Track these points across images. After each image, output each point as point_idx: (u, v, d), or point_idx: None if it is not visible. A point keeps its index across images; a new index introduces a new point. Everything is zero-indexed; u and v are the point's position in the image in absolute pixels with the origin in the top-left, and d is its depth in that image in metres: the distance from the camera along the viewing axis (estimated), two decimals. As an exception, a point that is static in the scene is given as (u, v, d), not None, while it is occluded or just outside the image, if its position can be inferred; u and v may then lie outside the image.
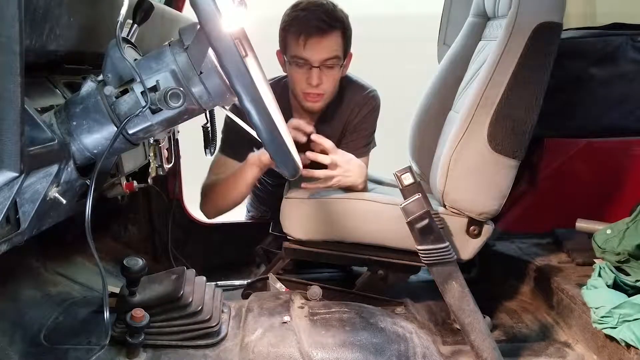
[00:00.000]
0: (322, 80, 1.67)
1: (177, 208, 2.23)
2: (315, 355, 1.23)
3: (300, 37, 1.63)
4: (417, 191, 1.39)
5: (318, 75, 1.66)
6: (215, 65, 0.93)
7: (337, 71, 1.70)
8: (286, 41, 1.69)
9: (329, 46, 1.64)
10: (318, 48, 1.63)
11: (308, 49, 1.63)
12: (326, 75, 1.67)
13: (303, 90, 1.70)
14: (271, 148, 0.94)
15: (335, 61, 1.67)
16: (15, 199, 0.81)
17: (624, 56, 2.16)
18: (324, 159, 1.57)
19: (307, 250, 1.64)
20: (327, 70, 1.67)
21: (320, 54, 1.64)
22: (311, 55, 1.64)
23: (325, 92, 1.71)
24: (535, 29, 1.47)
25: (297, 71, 1.68)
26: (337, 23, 1.65)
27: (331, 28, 1.63)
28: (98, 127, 0.95)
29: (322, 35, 1.62)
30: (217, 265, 2.19)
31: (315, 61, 1.64)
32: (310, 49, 1.63)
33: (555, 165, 2.18)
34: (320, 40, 1.63)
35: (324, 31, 1.62)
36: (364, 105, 1.81)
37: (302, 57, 1.65)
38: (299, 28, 1.64)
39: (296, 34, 1.64)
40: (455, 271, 1.35)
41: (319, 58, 1.64)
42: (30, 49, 0.84)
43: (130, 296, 1.26)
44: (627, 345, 1.35)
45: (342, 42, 1.67)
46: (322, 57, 1.64)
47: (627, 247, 1.73)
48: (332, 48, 1.65)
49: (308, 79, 1.66)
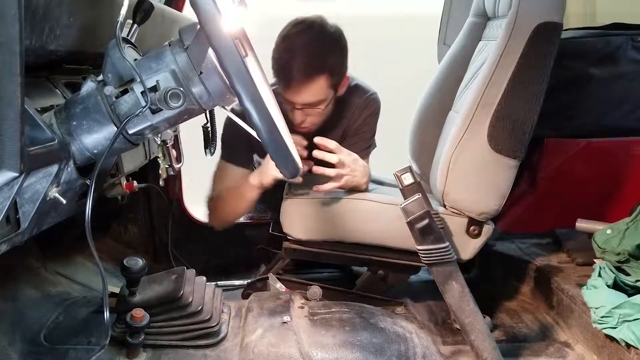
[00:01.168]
0: (306, 118, 1.66)
1: (177, 208, 2.23)
2: (315, 355, 1.23)
3: (281, 80, 1.60)
4: (417, 191, 1.40)
5: (301, 114, 1.64)
6: (215, 65, 0.93)
7: (323, 107, 1.66)
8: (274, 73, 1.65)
9: (311, 92, 1.60)
10: (299, 94, 1.59)
11: (289, 94, 1.60)
12: (310, 113, 1.65)
13: (291, 121, 1.67)
14: (271, 148, 0.94)
15: (319, 104, 1.63)
16: (15, 199, 0.81)
17: (624, 56, 2.16)
18: (331, 158, 1.55)
19: (307, 250, 1.64)
20: (311, 110, 1.65)
21: (301, 99, 1.60)
22: (293, 98, 1.61)
23: (313, 124, 1.70)
24: (535, 29, 1.47)
25: (284, 106, 1.64)
26: (321, 69, 1.58)
27: (312, 77, 1.57)
28: (98, 127, 0.95)
29: (302, 84, 1.57)
30: (217, 265, 2.19)
31: (297, 104, 1.62)
32: (291, 94, 1.60)
33: (555, 165, 2.18)
34: (300, 89, 1.58)
35: (304, 80, 1.57)
36: (364, 109, 1.81)
37: (285, 97, 1.62)
38: (281, 72, 1.60)
39: (278, 75, 1.61)
40: (455, 271, 1.35)
41: (301, 102, 1.61)
42: (30, 49, 0.84)
43: (130, 296, 1.26)
44: (627, 345, 1.35)
45: (328, 84, 1.61)
46: (304, 102, 1.61)
47: (627, 247, 1.73)
48: (314, 94, 1.60)
49: (292, 116, 1.65)
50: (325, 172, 1.55)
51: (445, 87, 1.90)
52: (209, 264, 2.22)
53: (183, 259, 2.17)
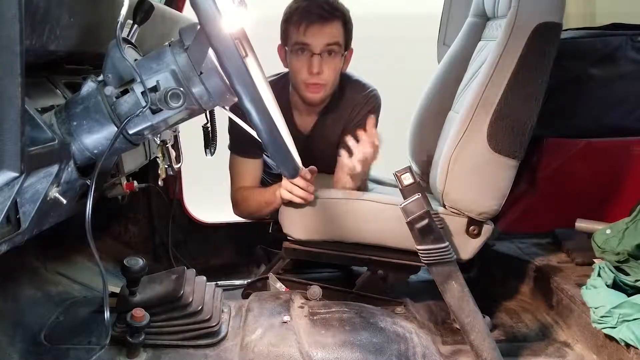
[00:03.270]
0: (323, 68, 1.68)
1: (177, 208, 2.23)
2: (315, 355, 1.23)
3: (302, 25, 1.67)
4: (417, 191, 1.40)
5: (319, 62, 1.68)
6: (216, 65, 0.93)
7: (339, 60, 1.72)
8: (288, 32, 1.72)
9: (330, 32, 1.67)
10: (319, 34, 1.66)
11: (309, 35, 1.66)
12: (327, 63, 1.69)
13: (304, 80, 1.71)
14: (271, 148, 0.94)
15: (337, 48, 1.69)
16: (15, 199, 0.81)
17: (623, 56, 2.16)
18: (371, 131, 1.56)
19: (307, 250, 1.64)
20: (328, 58, 1.69)
21: (321, 39, 1.66)
22: (312, 40, 1.66)
23: (327, 82, 1.72)
24: (534, 29, 1.47)
25: (299, 59, 1.70)
26: (338, 13, 1.69)
27: (332, 16, 1.67)
28: (98, 127, 0.95)
29: (323, 22, 1.66)
30: (217, 265, 2.19)
31: (317, 47, 1.66)
32: (311, 35, 1.66)
33: (555, 165, 2.18)
34: (322, 27, 1.66)
35: (325, 18, 1.66)
36: (364, 105, 1.81)
37: (304, 42, 1.67)
38: (301, 16, 1.68)
39: (298, 22, 1.68)
40: (455, 271, 1.35)
41: (321, 43, 1.66)
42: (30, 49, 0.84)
43: (130, 296, 1.26)
44: (627, 345, 1.36)
45: (343, 31, 1.70)
46: (324, 43, 1.67)
47: (627, 247, 1.73)
48: (333, 34, 1.68)
49: (309, 67, 1.68)
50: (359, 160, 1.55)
51: (445, 87, 1.91)
52: (209, 264, 2.23)
53: (183, 259, 2.17)
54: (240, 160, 1.84)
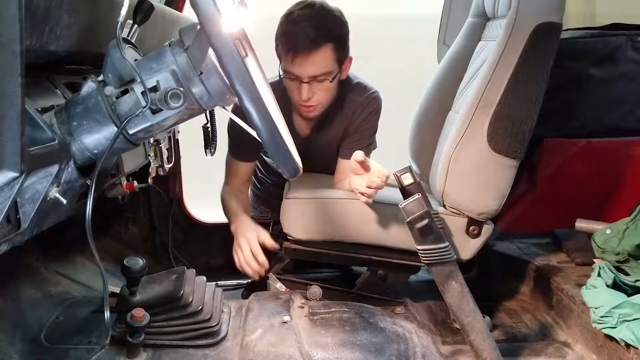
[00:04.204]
0: (313, 93, 1.66)
1: (177, 208, 2.24)
2: (315, 355, 1.23)
3: (288, 54, 1.61)
4: (417, 191, 1.40)
5: (308, 89, 1.64)
6: (216, 65, 0.93)
7: (329, 84, 1.67)
8: (278, 52, 1.68)
9: (317, 62, 1.61)
10: (305, 65, 1.61)
11: (296, 66, 1.61)
12: (317, 88, 1.66)
13: (297, 101, 1.70)
14: (271, 148, 0.94)
15: (325, 76, 1.64)
16: (15, 199, 0.81)
17: (623, 56, 2.16)
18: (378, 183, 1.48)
19: (307, 250, 1.64)
20: (317, 84, 1.65)
21: (308, 70, 1.61)
22: (300, 72, 1.62)
23: (319, 103, 1.70)
24: (534, 29, 1.47)
25: (290, 84, 1.68)
26: (327, 37, 1.60)
27: (318, 45, 1.59)
28: (98, 127, 0.95)
29: (309, 53, 1.59)
30: (217, 265, 2.19)
31: (304, 77, 1.63)
32: (298, 65, 1.61)
33: (555, 165, 2.18)
34: (307, 58, 1.59)
35: (310, 49, 1.58)
36: (365, 107, 1.81)
37: (291, 72, 1.64)
38: (287, 44, 1.62)
39: (284, 49, 1.63)
40: (455, 271, 1.35)
41: (307, 74, 1.62)
42: (30, 49, 0.84)
43: (130, 296, 1.26)
44: (627, 345, 1.36)
45: (333, 56, 1.63)
46: (310, 74, 1.62)
47: (627, 247, 1.73)
48: (320, 64, 1.62)
49: (299, 93, 1.66)
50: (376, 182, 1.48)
51: (445, 88, 1.91)
52: (209, 264, 2.23)
53: (183, 259, 2.17)
54: (234, 161, 1.85)
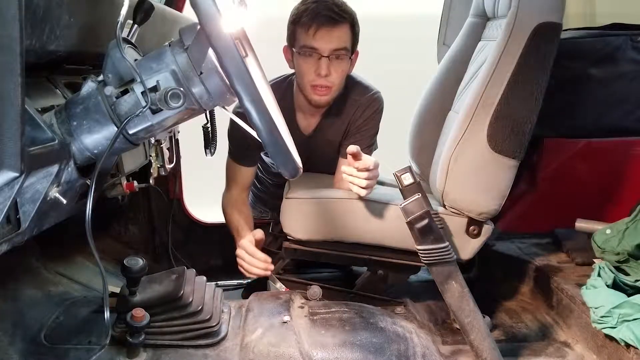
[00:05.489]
0: (330, 71, 1.68)
1: (177, 208, 2.24)
2: (315, 355, 1.23)
3: (310, 27, 1.65)
4: (417, 191, 1.40)
5: (327, 65, 1.67)
6: (216, 65, 0.93)
7: (346, 63, 1.71)
8: (295, 33, 1.70)
9: (339, 36, 1.66)
10: (328, 38, 1.65)
11: (318, 38, 1.65)
12: (335, 66, 1.68)
13: (311, 82, 1.70)
14: (271, 148, 0.94)
15: (344, 52, 1.68)
16: (15, 199, 0.81)
17: (623, 56, 2.16)
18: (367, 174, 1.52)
19: (307, 250, 1.64)
20: (336, 61, 1.68)
21: (330, 43, 1.65)
22: (321, 44, 1.65)
23: (333, 85, 1.71)
24: (534, 29, 1.47)
25: (306, 61, 1.69)
26: (347, 15, 1.68)
27: (341, 19, 1.66)
28: (98, 127, 0.95)
29: (332, 26, 1.64)
30: (217, 265, 2.19)
31: (325, 50, 1.65)
32: (320, 38, 1.65)
33: (554, 165, 2.18)
34: (331, 30, 1.65)
35: (334, 21, 1.64)
36: (367, 107, 1.81)
37: (312, 46, 1.66)
38: (310, 18, 1.66)
39: (306, 24, 1.66)
40: (455, 271, 1.35)
41: (329, 47, 1.65)
42: (30, 49, 0.84)
43: (130, 296, 1.26)
44: (627, 345, 1.36)
45: (350, 35, 1.69)
46: (332, 47, 1.65)
47: (627, 247, 1.73)
48: (341, 39, 1.67)
49: (317, 69, 1.67)
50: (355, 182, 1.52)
51: (445, 88, 1.90)
52: (209, 264, 2.23)
53: (183, 259, 2.17)
54: (234, 165, 1.84)
